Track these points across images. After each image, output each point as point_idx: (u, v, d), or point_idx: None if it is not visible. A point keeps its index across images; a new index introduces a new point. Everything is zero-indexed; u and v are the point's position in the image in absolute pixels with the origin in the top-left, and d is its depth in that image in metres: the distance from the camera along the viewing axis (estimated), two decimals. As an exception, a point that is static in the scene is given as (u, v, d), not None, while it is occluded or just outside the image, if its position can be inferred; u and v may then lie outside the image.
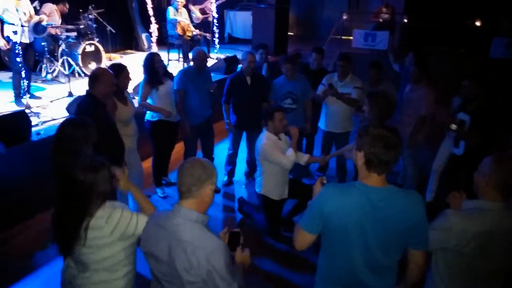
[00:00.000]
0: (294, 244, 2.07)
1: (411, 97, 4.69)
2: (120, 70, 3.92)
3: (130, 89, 4.66)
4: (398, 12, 10.54)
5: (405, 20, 10.66)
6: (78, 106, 3.43)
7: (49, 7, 6.87)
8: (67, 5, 7.24)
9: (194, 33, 8.38)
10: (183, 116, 4.71)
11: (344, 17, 10.93)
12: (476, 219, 2.04)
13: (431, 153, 4.82)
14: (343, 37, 10.77)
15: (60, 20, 7.10)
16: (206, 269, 1.74)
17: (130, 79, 4.11)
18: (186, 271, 1.77)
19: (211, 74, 5.32)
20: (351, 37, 10.44)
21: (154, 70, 4.45)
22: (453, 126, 3.69)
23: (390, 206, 1.85)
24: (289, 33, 10.86)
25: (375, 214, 1.85)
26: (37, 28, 5.73)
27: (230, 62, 7.94)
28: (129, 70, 4.06)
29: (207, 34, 8.99)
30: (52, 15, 6.85)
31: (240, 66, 5.24)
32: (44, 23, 5.83)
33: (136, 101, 4.67)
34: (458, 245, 2.05)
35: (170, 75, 4.80)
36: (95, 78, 3.32)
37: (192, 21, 8.80)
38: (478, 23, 10.88)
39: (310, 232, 1.98)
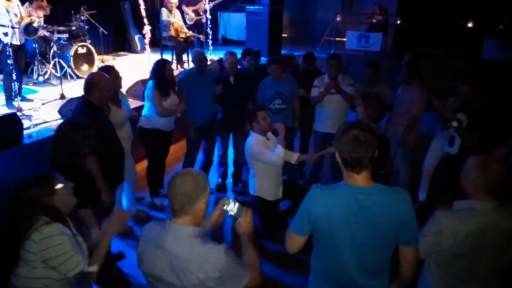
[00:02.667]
0: (286, 247, 2.10)
1: (402, 97, 4.72)
2: (108, 71, 3.82)
3: (124, 91, 4.61)
4: (391, 14, 10.60)
5: (398, 22, 10.72)
6: (75, 112, 3.40)
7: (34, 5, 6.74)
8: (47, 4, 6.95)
9: (188, 34, 8.36)
10: (187, 118, 4.70)
11: (338, 18, 10.97)
12: (467, 219, 2.05)
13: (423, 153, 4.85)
14: (336, 38, 10.82)
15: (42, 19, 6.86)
16: (215, 277, 1.73)
17: (121, 78, 4.06)
18: (196, 286, 1.74)
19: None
20: (344, 39, 10.48)
21: (164, 77, 4.35)
22: (454, 123, 3.69)
23: (377, 204, 1.86)
24: (283, 35, 10.86)
25: (362, 213, 1.86)
26: (28, 29, 5.67)
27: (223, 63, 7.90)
28: (117, 70, 4.00)
29: (201, 36, 8.97)
30: (37, 12, 6.73)
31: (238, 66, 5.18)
32: (35, 24, 5.77)
33: (131, 103, 4.61)
34: (451, 247, 2.06)
35: (175, 86, 4.59)
36: (91, 84, 3.27)
37: (185, 23, 8.76)
38: (470, 25, 10.97)
39: (300, 234, 2.02)
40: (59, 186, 2.15)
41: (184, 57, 8.33)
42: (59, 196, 2.15)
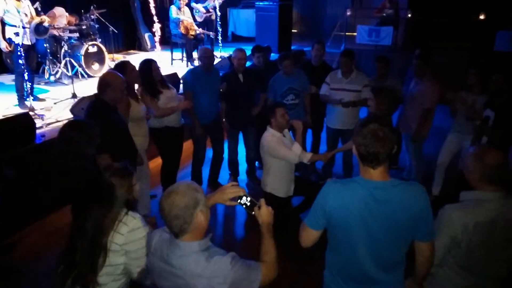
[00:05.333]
0: (300, 240, 2.09)
1: (415, 91, 4.66)
2: (124, 67, 3.82)
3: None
4: (402, 7, 10.47)
5: (409, 15, 10.59)
6: (87, 110, 3.40)
7: (60, 10, 6.90)
8: (78, 19, 7.30)
9: (197, 32, 8.36)
10: (193, 116, 4.66)
11: (348, 13, 10.87)
12: (474, 210, 2.06)
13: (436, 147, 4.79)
14: (347, 33, 10.74)
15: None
16: (228, 286, 1.70)
17: (137, 72, 4.00)
18: None
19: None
20: (355, 33, 10.39)
21: (151, 79, 4.19)
22: (477, 122, 3.68)
23: (393, 199, 1.85)
24: (293, 30, 10.80)
25: (378, 208, 1.85)
26: (39, 29, 5.71)
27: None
28: (132, 64, 3.96)
29: (210, 33, 8.96)
30: (60, 19, 6.86)
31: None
32: (45, 24, 5.81)
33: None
34: (462, 240, 2.06)
35: (165, 83, 4.45)
36: (105, 84, 3.25)
37: (195, 20, 8.77)
38: (482, 17, 10.79)
39: (314, 228, 2.02)
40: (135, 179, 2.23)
41: (194, 54, 8.32)
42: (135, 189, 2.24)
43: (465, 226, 2.03)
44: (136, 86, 4.14)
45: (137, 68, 4.05)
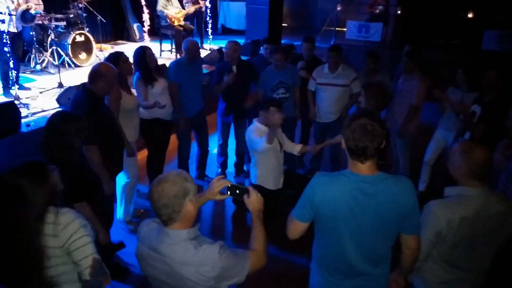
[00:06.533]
0: (287, 233, 2.10)
1: (403, 87, 4.71)
2: (117, 57, 3.78)
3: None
4: (392, 3, 10.52)
5: (399, 12, 10.65)
6: (74, 101, 3.35)
7: None
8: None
9: (181, 23, 8.21)
10: (179, 109, 4.57)
11: (338, 8, 10.88)
12: (459, 206, 2.08)
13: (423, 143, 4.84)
14: (337, 28, 10.75)
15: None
16: (214, 276, 1.70)
17: (130, 63, 3.97)
18: (197, 284, 1.72)
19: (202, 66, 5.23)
20: (345, 29, 10.41)
21: (146, 65, 4.17)
22: (461, 116, 3.71)
23: (381, 192, 1.86)
24: (283, 24, 10.77)
25: (365, 201, 1.86)
26: (25, 16, 5.59)
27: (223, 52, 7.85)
28: (126, 55, 3.92)
29: (191, 26, 8.77)
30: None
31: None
32: (32, 11, 5.69)
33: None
34: (447, 236, 2.09)
35: (161, 71, 4.47)
36: (97, 74, 3.20)
37: (184, 9, 8.63)
38: (470, 15, 10.90)
39: (302, 220, 2.02)
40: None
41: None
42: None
43: (449, 222, 2.05)
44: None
45: (130, 60, 4.01)
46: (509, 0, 10.24)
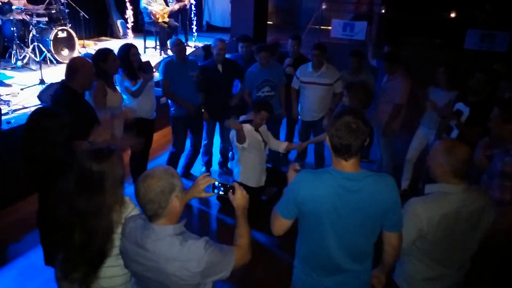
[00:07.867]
0: (272, 229, 2.10)
1: (387, 86, 4.76)
2: (106, 55, 3.76)
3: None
4: (376, 2, 10.61)
5: (383, 11, 10.74)
6: (53, 98, 3.29)
7: None
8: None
9: (165, 20, 8.14)
10: (181, 101, 4.60)
11: (323, 7, 10.92)
12: (439, 202, 2.11)
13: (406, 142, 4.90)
14: (322, 27, 10.78)
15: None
16: (199, 272, 1.71)
17: (118, 62, 3.95)
18: (183, 280, 1.71)
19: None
20: (329, 27, 10.45)
21: (130, 63, 4.19)
22: (453, 121, 3.78)
23: (364, 190, 1.88)
24: (268, 22, 10.77)
25: (348, 198, 1.87)
26: (2, 8, 5.46)
27: (209, 50, 7.78)
28: (115, 54, 3.91)
29: (176, 24, 8.70)
30: None
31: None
32: (13, 6, 5.57)
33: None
34: (429, 233, 2.11)
35: (145, 70, 4.39)
36: (74, 69, 3.15)
37: (168, 6, 8.55)
38: (453, 15, 11.07)
39: (286, 217, 2.03)
40: None
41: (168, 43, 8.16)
42: None
43: (430, 219, 2.07)
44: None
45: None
46: (491, 0, 10.42)
